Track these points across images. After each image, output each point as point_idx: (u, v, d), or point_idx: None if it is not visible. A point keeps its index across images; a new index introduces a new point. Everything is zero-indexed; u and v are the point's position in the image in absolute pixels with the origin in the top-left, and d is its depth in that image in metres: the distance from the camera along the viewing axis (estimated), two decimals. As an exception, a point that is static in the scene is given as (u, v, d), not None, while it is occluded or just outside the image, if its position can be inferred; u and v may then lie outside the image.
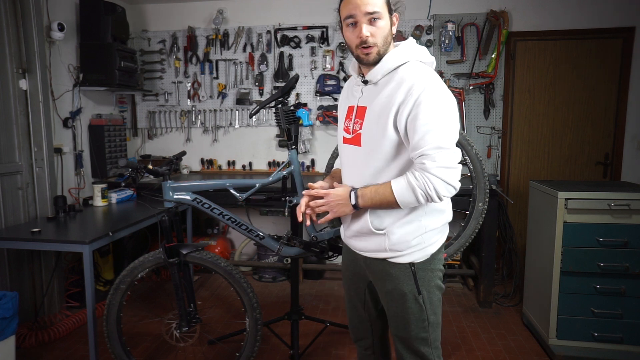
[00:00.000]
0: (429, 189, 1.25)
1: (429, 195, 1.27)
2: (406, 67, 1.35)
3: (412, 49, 1.40)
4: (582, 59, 3.62)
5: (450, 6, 3.67)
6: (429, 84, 1.28)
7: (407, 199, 1.30)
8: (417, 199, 1.28)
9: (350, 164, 1.49)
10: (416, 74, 1.32)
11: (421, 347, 1.47)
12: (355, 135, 1.42)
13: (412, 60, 1.37)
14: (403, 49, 1.38)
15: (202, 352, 2.62)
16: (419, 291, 1.42)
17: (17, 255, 2.79)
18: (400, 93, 1.30)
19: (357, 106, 1.44)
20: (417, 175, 1.27)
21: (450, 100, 1.31)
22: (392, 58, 1.36)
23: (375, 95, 1.38)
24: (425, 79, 1.29)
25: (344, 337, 2.80)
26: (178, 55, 4.05)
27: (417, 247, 1.40)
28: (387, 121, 1.32)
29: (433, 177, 1.25)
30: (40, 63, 2.90)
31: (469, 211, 2.17)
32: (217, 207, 2.13)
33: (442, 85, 1.31)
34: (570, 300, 2.50)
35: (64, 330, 2.83)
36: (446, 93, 1.31)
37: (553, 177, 3.76)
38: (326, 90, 3.83)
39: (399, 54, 1.37)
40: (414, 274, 1.41)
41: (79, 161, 3.42)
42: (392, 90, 1.33)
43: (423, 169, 1.26)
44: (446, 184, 1.26)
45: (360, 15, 1.32)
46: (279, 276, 3.90)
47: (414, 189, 1.27)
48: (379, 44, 1.34)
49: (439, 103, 1.27)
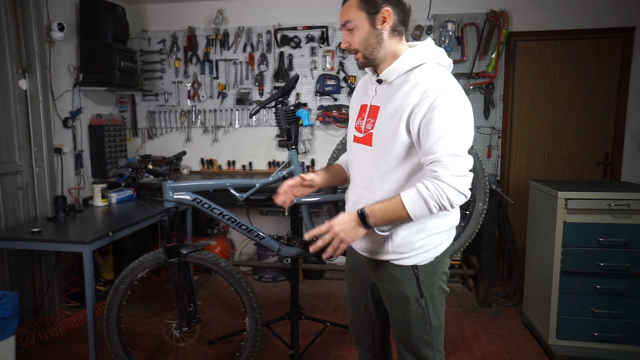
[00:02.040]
0: (442, 199, 1.22)
1: (442, 205, 1.23)
2: (422, 69, 1.32)
3: (429, 50, 1.36)
4: (582, 59, 3.62)
5: (450, 6, 3.67)
6: (446, 88, 1.25)
7: (420, 212, 1.25)
8: (430, 210, 1.24)
9: (359, 164, 1.46)
10: (433, 76, 1.28)
11: (424, 350, 1.46)
12: (367, 134, 1.40)
13: (429, 62, 1.34)
14: (420, 50, 1.35)
15: (202, 352, 2.62)
16: (421, 294, 1.40)
17: (17, 255, 2.79)
18: (415, 95, 1.27)
19: (370, 105, 1.42)
20: (428, 186, 1.23)
21: (466, 106, 1.28)
22: (409, 58, 1.33)
23: (390, 95, 1.35)
24: (442, 83, 1.26)
25: (344, 337, 2.80)
26: (178, 55, 4.05)
27: (421, 249, 1.38)
28: (399, 122, 1.29)
29: (446, 186, 1.21)
30: (40, 63, 2.90)
31: (469, 211, 2.17)
32: (217, 207, 2.13)
33: (459, 90, 1.28)
34: (570, 300, 2.50)
35: (64, 330, 2.83)
36: (463, 98, 1.28)
37: (553, 177, 3.76)
38: (326, 90, 3.83)
39: (415, 54, 1.34)
40: (417, 276, 1.40)
41: (79, 161, 3.42)
42: (407, 92, 1.30)
43: (436, 177, 1.22)
44: (459, 192, 1.23)
45: (342, 27, 1.38)
46: (279, 276, 3.90)
47: (426, 201, 1.23)
48: (360, 49, 1.35)
49: (455, 108, 1.24)
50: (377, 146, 1.37)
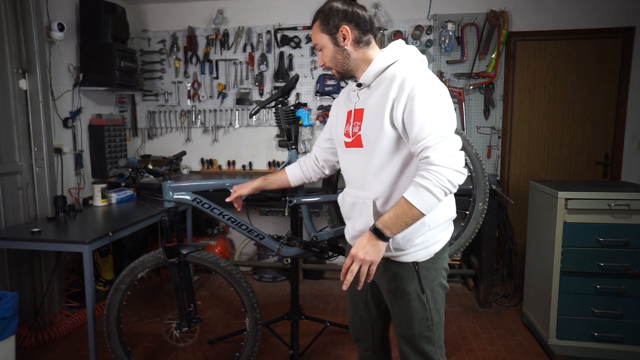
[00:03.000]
0: (443, 182, 1.22)
1: (445, 188, 1.23)
2: (396, 65, 1.39)
3: (400, 48, 1.43)
4: (582, 59, 3.62)
5: (450, 6, 3.67)
6: (420, 77, 1.31)
7: (428, 203, 1.25)
8: (436, 197, 1.24)
9: (353, 166, 1.49)
10: (406, 69, 1.35)
11: (425, 346, 1.47)
12: (356, 137, 1.44)
13: (402, 58, 1.41)
14: (390, 50, 1.43)
15: (202, 352, 2.62)
16: (422, 290, 1.42)
17: (17, 255, 2.79)
18: (393, 89, 1.33)
19: (354, 109, 1.46)
20: (426, 175, 1.24)
21: (442, 90, 1.33)
22: (381, 59, 1.40)
23: (371, 96, 1.41)
24: (415, 73, 1.32)
25: (344, 337, 2.80)
26: (178, 55, 4.05)
27: (421, 245, 1.40)
28: (382, 118, 1.34)
29: (442, 169, 1.22)
30: (40, 63, 2.90)
31: (469, 211, 2.17)
32: (217, 207, 2.13)
33: (433, 77, 1.34)
34: (570, 300, 2.50)
35: (64, 330, 2.83)
36: (437, 84, 1.33)
37: (553, 177, 3.76)
38: (326, 90, 3.83)
39: (386, 54, 1.41)
40: (418, 272, 1.42)
41: (79, 161, 3.42)
42: (385, 88, 1.36)
43: (429, 163, 1.24)
44: (456, 171, 1.24)
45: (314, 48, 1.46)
46: (279, 276, 3.90)
47: (430, 189, 1.23)
48: (331, 66, 1.47)
49: (432, 94, 1.29)
50: (367, 145, 1.40)
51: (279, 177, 1.86)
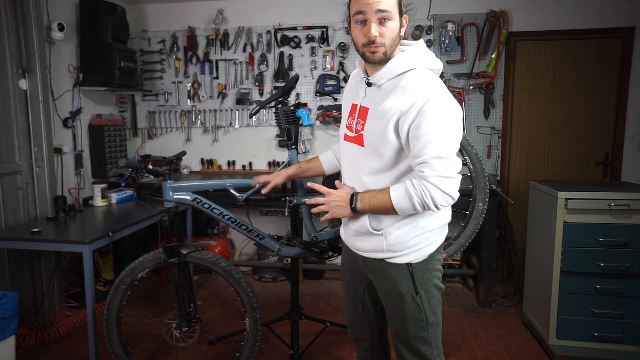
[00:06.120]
0: (425, 197, 1.26)
1: (425, 203, 1.27)
2: (412, 74, 1.33)
3: (421, 54, 1.37)
4: (582, 59, 3.62)
5: (450, 6, 3.67)
6: (434, 94, 1.27)
7: (404, 206, 1.30)
8: (413, 206, 1.29)
9: (351, 162, 1.49)
10: (422, 83, 1.30)
11: (420, 347, 1.47)
12: (358, 135, 1.43)
13: (419, 67, 1.35)
14: (411, 55, 1.36)
15: (202, 352, 2.62)
16: (416, 291, 1.42)
17: (17, 255, 2.79)
18: (404, 102, 1.29)
19: (360, 106, 1.44)
20: (415, 183, 1.27)
21: (454, 110, 1.30)
22: (399, 63, 1.34)
23: (379, 98, 1.37)
24: (430, 89, 1.28)
25: (344, 337, 2.80)
26: (178, 55, 4.05)
27: (415, 247, 1.41)
28: (387, 126, 1.32)
29: (430, 186, 1.25)
30: (40, 63, 2.90)
31: (469, 211, 2.17)
32: (217, 207, 2.13)
33: (447, 95, 1.30)
34: (570, 300, 2.50)
35: (64, 330, 2.83)
36: (451, 103, 1.29)
37: (553, 177, 3.76)
38: (326, 90, 3.83)
39: (406, 59, 1.34)
40: (412, 274, 1.42)
41: (79, 161, 3.42)
42: (396, 98, 1.32)
43: (421, 177, 1.26)
44: (443, 193, 1.26)
45: (370, 13, 1.29)
46: (279, 276, 3.90)
47: (411, 197, 1.28)
48: (386, 45, 1.32)
49: (443, 113, 1.26)
50: (369, 147, 1.40)
51: (313, 165, 1.87)
